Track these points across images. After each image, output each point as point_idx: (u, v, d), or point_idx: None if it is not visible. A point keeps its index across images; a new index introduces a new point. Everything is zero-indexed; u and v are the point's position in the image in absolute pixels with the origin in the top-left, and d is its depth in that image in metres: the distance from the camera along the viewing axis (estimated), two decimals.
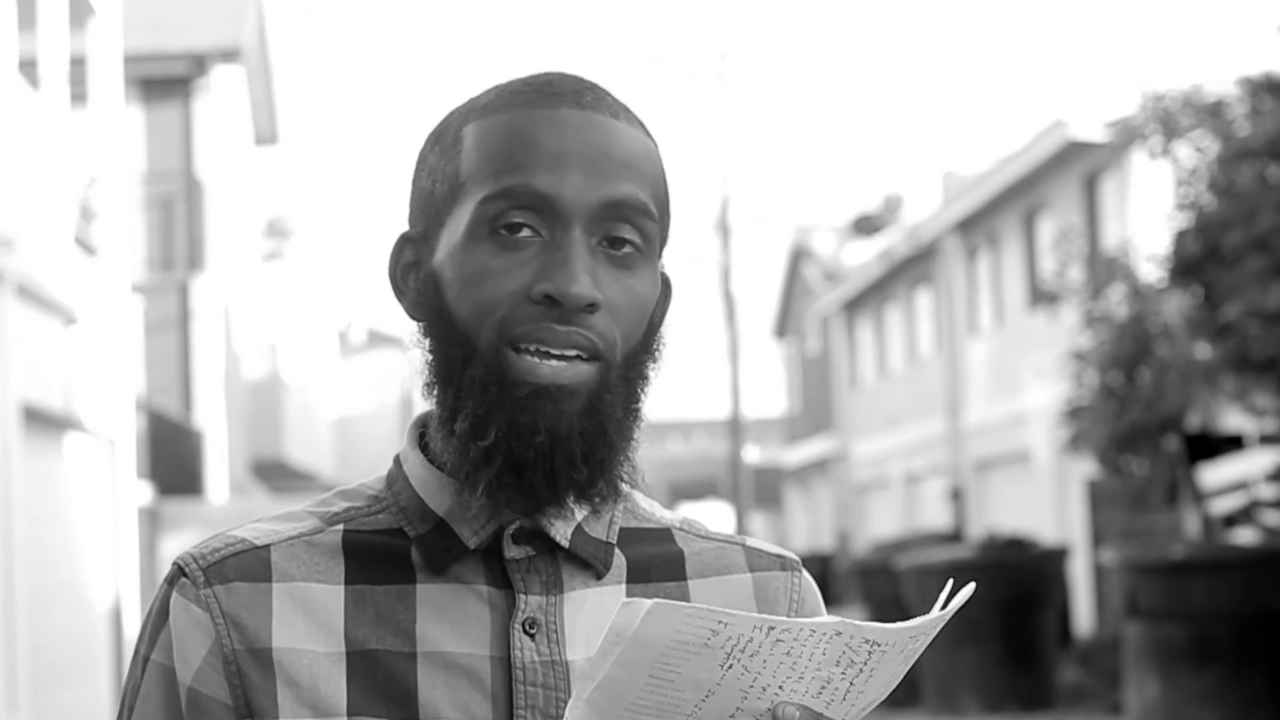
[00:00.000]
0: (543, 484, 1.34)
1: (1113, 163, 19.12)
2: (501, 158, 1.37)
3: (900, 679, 1.31)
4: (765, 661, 1.24)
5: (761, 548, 1.52)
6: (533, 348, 1.34)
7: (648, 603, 1.21)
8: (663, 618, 1.21)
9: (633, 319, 1.39)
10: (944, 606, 1.29)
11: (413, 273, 1.43)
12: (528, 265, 1.35)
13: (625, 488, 1.50)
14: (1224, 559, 11.69)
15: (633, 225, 1.39)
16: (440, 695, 1.36)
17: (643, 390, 1.41)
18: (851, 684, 1.28)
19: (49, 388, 12.04)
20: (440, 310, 1.39)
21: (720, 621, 1.22)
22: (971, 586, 1.31)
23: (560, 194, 1.35)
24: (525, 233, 1.36)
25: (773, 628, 1.23)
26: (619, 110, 1.42)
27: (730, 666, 1.24)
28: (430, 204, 1.42)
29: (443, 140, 1.43)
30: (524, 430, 1.33)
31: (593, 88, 1.42)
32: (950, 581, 1.33)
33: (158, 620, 1.40)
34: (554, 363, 1.34)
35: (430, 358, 1.40)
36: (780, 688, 1.26)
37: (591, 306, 1.35)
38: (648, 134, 1.44)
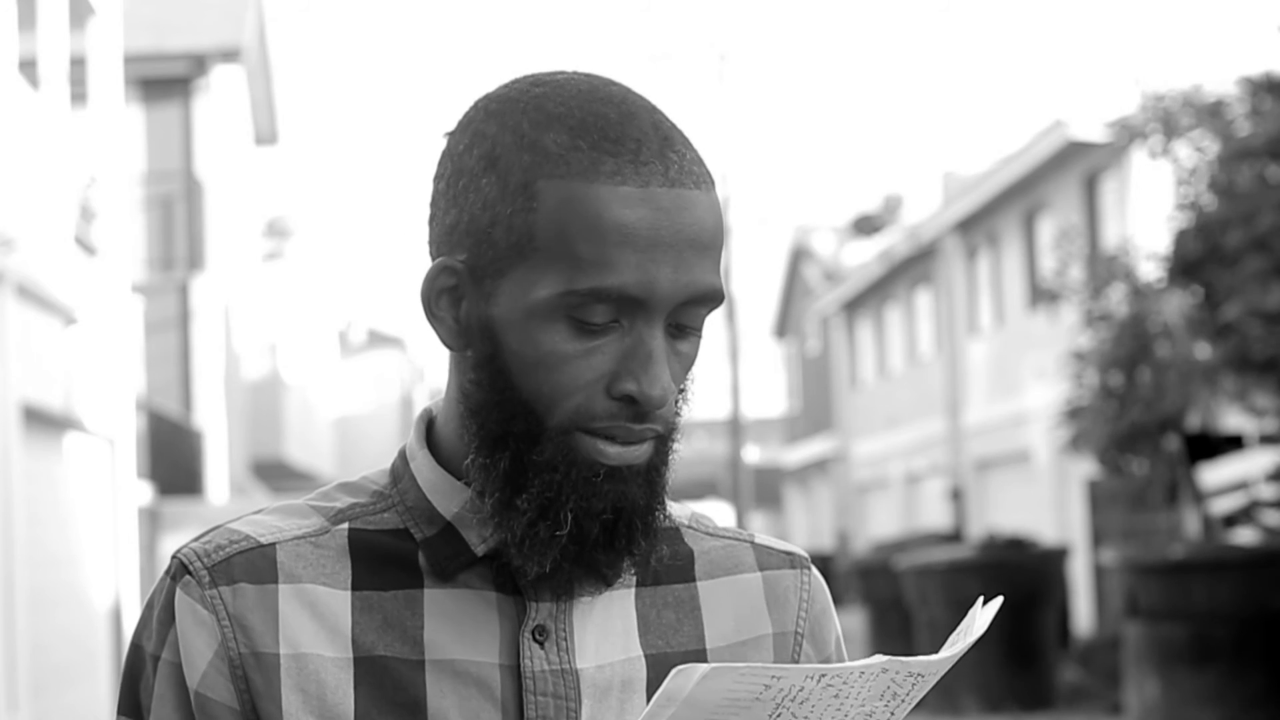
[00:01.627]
0: (602, 556, 1.34)
1: (1113, 163, 19.12)
2: (589, 247, 1.29)
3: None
4: (814, 707, 1.23)
5: (770, 545, 1.51)
6: (601, 441, 1.32)
7: (704, 668, 1.19)
8: (717, 680, 1.19)
9: (687, 387, 1.38)
10: (975, 625, 1.30)
11: (447, 298, 1.37)
12: (606, 354, 1.31)
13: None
14: (1224, 559, 11.69)
15: (707, 310, 1.36)
16: (449, 704, 1.34)
17: (679, 439, 1.40)
18: (893, 714, 1.28)
19: (49, 388, 12.04)
20: (498, 372, 1.34)
21: (774, 676, 1.20)
22: (999, 601, 1.31)
23: (651, 295, 1.31)
24: (605, 318, 1.32)
25: (824, 675, 1.22)
26: (701, 176, 1.34)
27: (779, 715, 1.23)
28: (486, 243, 1.33)
29: (504, 175, 1.32)
30: (593, 513, 1.32)
31: (678, 151, 1.34)
32: (980, 599, 1.33)
33: (164, 617, 1.37)
34: (619, 449, 1.33)
35: (475, 393, 1.35)
36: None
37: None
38: (712, 187, 1.36)
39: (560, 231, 1.30)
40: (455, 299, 1.36)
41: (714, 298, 1.34)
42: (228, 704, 1.34)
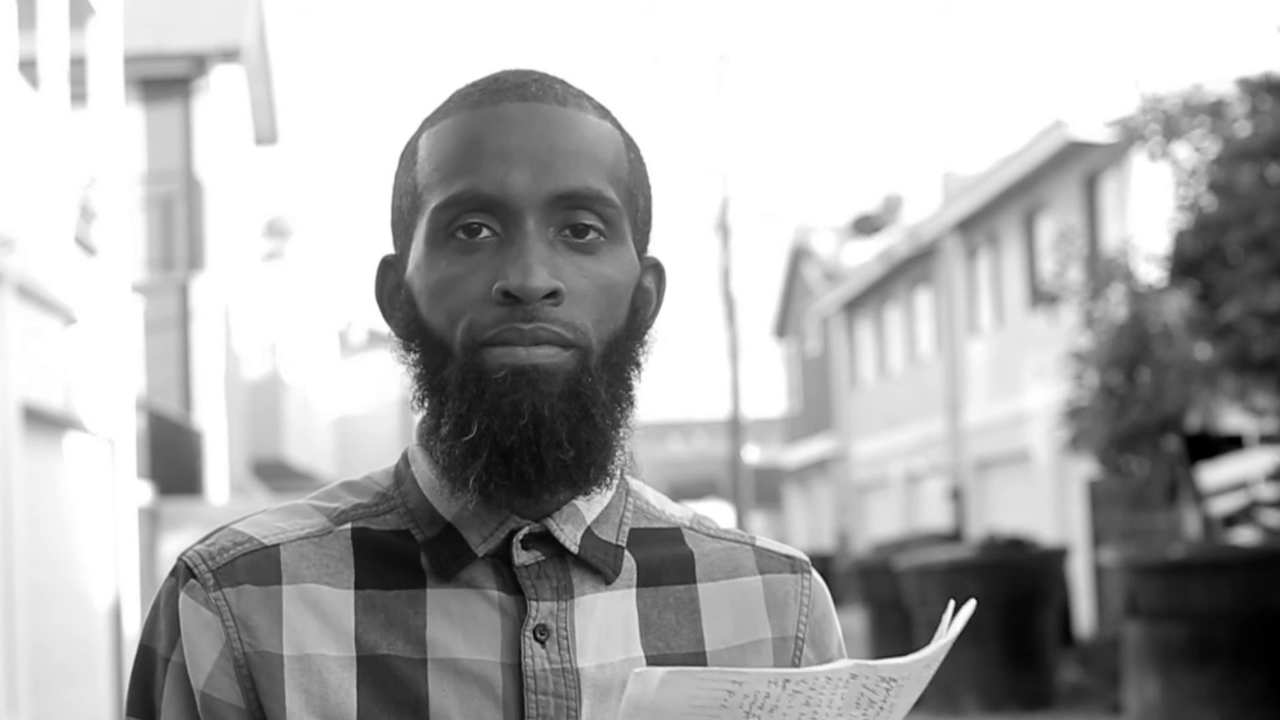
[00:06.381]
0: (530, 468, 1.33)
1: (1113, 163, 19.12)
2: (448, 163, 1.37)
3: (913, 704, 1.30)
4: (785, 715, 1.22)
5: (771, 548, 1.51)
6: (502, 349, 1.33)
7: (660, 671, 1.19)
8: (678, 685, 1.19)
9: (604, 303, 1.37)
10: (949, 628, 1.28)
11: (397, 295, 1.43)
12: (486, 266, 1.35)
13: (632, 483, 1.48)
14: (1224, 559, 11.68)
15: (591, 212, 1.37)
16: (451, 703, 1.35)
17: (632, 376, 1.39)
18: None
19: (49, 388, 12.03)
20: (417, 323, 1.38)
21: (735, 681, 1.20)
22: (972, 604, 1.30)
23: (507, 193, 1.35)
24: (483, 234, 1.36)
25: (788, 680, 1.21)
26: (566, 97, 1.40)
27: None
28: (400, 221, 1.43)
29: (405, 156, 1.44)
30: (507, 415, 1.32)
31: (540, 79, 1.41)
32: (951, 603, 1.32)
33: (170, 619, 1.38)
34: (527, 349, 1.33)
35: (416, 370, 1.39)
36: None
37: (552, 296, 1.33)
38: (603, 116, 1.42)
39: (431, 166, 1.39)
40: (399, 291, 1.43)
41: (587, 195, 1.36)
42: (233, 704, 1.35)
